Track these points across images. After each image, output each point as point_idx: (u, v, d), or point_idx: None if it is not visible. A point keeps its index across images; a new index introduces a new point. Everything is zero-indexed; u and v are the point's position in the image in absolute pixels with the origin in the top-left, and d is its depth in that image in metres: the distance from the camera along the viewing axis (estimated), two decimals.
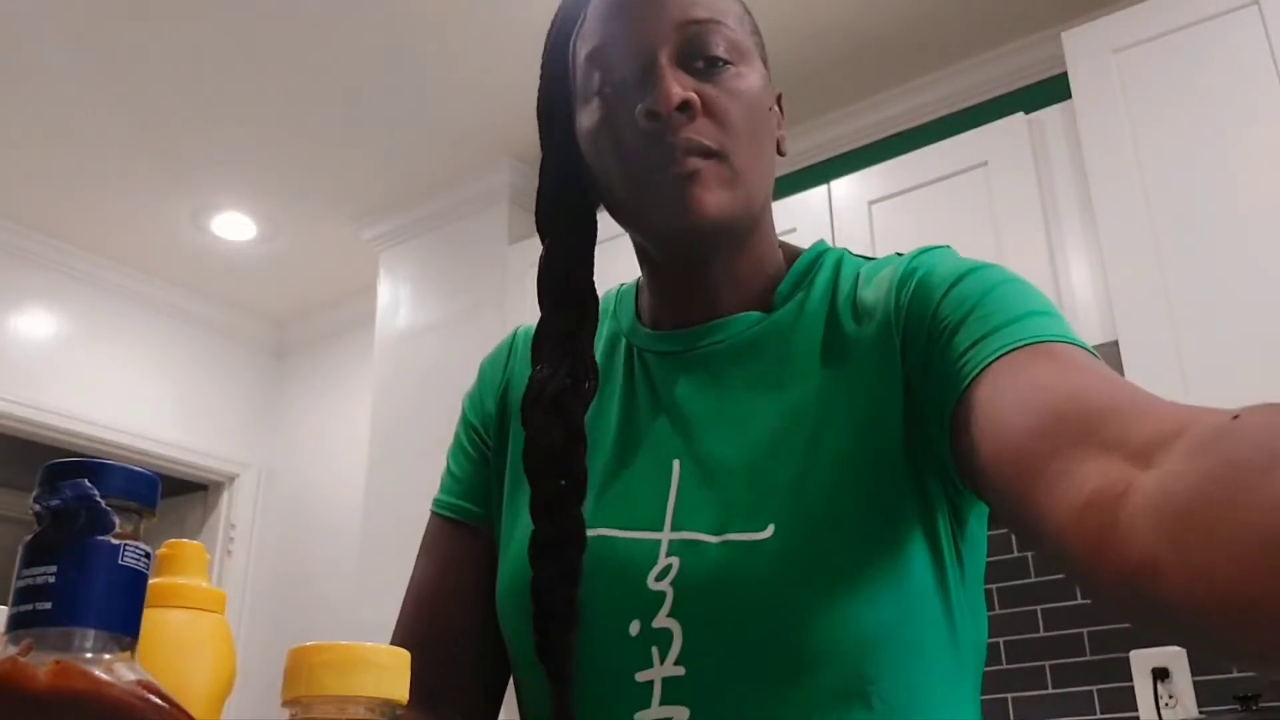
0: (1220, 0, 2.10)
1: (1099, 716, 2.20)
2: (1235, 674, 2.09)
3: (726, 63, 0.73)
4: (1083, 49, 2.24)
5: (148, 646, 0.43)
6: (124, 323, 3.92)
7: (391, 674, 0.39)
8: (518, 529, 0.77)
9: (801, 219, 2.51)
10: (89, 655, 0.36)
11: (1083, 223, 2.19)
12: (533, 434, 0.75)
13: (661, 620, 0.67)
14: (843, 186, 2.54)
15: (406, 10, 2.66)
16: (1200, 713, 2.08)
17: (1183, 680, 2.13)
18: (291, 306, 4.24)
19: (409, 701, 0.48)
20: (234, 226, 3.62)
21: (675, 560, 0.68)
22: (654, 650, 0.67)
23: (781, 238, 0.83)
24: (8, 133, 3.13)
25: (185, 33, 2.74)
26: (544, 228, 0.80)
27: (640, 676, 0.67)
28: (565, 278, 0.79)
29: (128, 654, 0.37)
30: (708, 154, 0.71)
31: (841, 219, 2.50)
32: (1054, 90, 2.51)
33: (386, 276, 3.51)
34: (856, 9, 2.67)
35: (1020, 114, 2.36)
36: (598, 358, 0.81)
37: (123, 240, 3.72)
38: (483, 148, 3.20)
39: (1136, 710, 2.15)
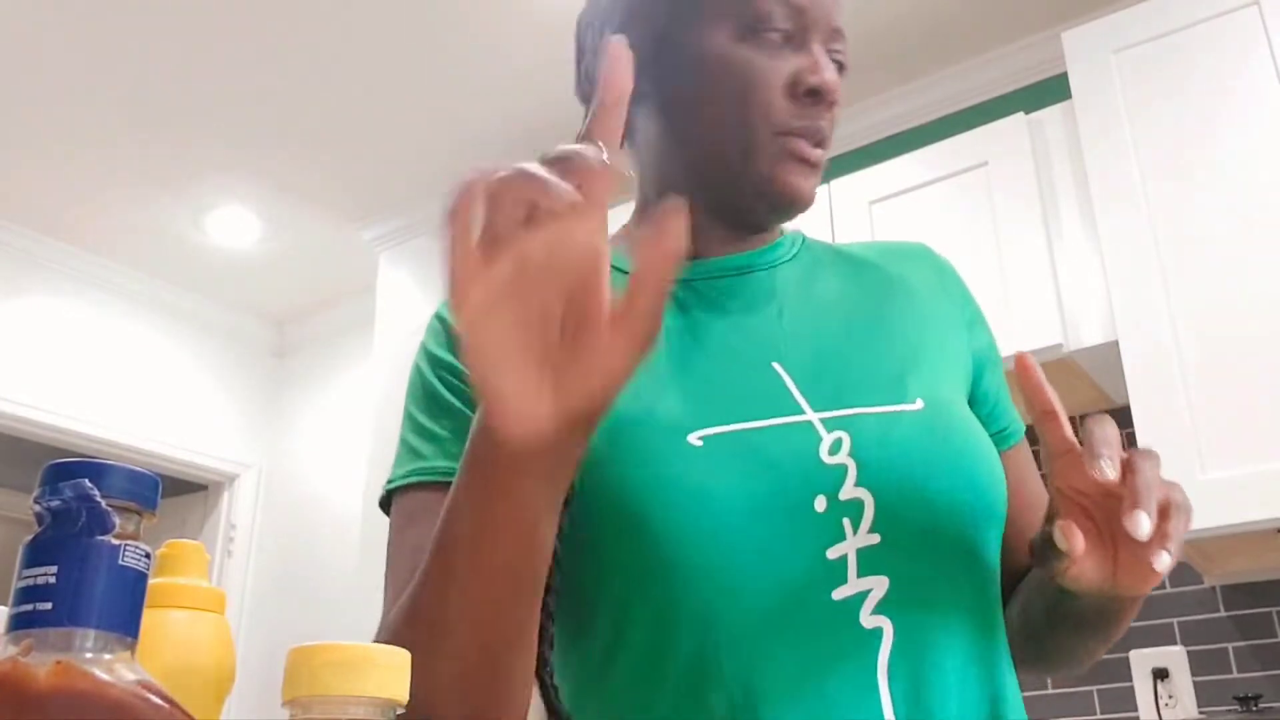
0: (1220, 0, 2.10)
1: (1099, 716, 2.20)
2: (1235, 674, 2.09)
3: (843, 71, 0.78)
4: (1083, 49, 2.24)
5: (148, 646, 0.43)
6: (124, 322, 3.91)
7: (392, 674, 0.39)
8: None
9: (801, 218, 2.49)
10: (89, 655, 0.35)
11: (1083, 223, 2.19)
12: None
13: (850, 491, 0.66)
14: (843, 186, 2.53)
15: (407, 10, 2.66)
16: (1200, 713, 2.08)
17: (1183, 680, 2.12)
18: (291, 306, 4.23)
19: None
20: (234, 226, 3.62)
21: (842, 434, 0.68)
22: (845, 522, 0.66)
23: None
24: (8, 134, 3.13)
25: (185, 33, 2.74)
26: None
27: (832, 553, 0.65)
28: None
29: (128, 654, 0.37)
30: (822, 144, 0.77)
31: (841, 219, 2.49)
32: (1054, 90, 2.51)
33: (386, 276, 3.51)
34: (856, 9, 2.67)
35: (1020, 114, 2.35)
36: None
37: (123, 240, 3.72)
38: (483, 148, 3.20)
39: (1136, 710, 2.14)
